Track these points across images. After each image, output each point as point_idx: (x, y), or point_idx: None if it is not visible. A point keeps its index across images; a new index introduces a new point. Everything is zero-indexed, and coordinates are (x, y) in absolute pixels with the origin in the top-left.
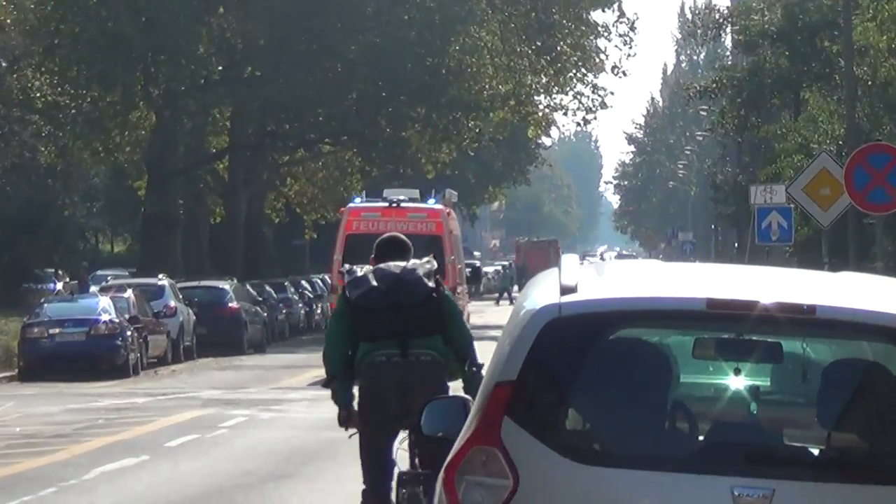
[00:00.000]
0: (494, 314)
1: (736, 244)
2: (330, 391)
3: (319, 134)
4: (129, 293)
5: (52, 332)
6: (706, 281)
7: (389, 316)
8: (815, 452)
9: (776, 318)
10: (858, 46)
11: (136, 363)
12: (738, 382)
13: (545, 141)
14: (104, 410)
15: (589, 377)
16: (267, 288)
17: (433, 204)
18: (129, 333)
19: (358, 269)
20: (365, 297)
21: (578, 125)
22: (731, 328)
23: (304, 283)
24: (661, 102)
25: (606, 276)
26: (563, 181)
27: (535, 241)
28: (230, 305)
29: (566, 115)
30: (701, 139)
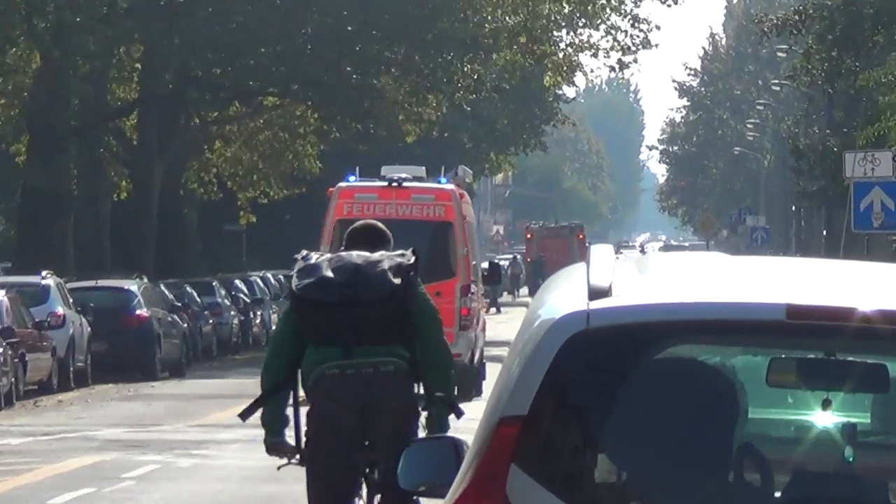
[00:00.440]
0: (493, 326)
1: (825, 232)
2: (261, 416)
3: (261, 82)
4: (0, 296)
5: None
6: (785, 281)
7: (339, 314)
8: None
9: (880, 331)
10: None
11: (8, 391)
12: (827, 419)
13: (567, 92)
14: None
15: (626, 411)
16: (188, 290)
17: (443, 184)
18: None
19: (315, 255)
20: (313, 287)
21: (613, 70)
22: (818, 345)
23: (238, 283)
24: (723, 40)
25: (650, 274)
26: (591, 146)
27: (552, 226)
28: (138, 313)
29: (596, 56)
30: (778, 90)
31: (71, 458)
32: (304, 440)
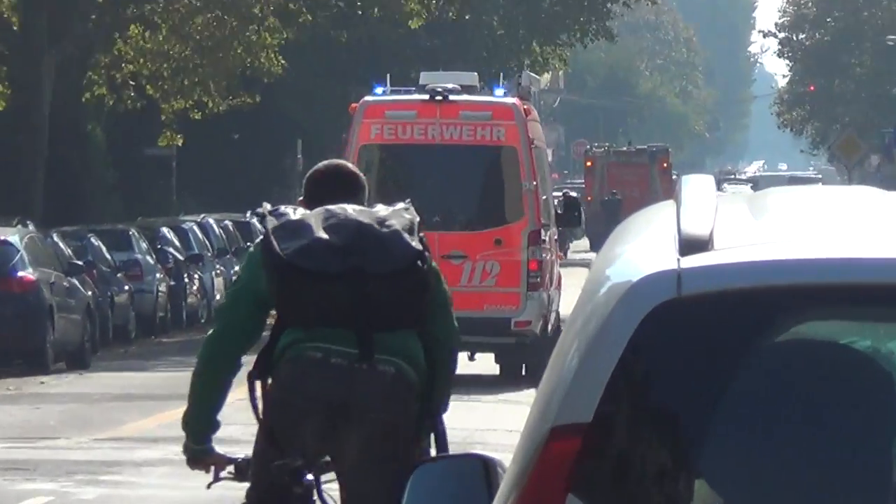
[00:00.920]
0: None
1: None
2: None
3: None
4: None
5: None
6: None
7: (345, 289)
8: None
9: None
10: None
11: None
12: None
13: None
14: None
15: (735, 418)
16: (94, 242)
17: (502, 96)
18: None
19: (290, 209)
20: (308, 253)
21: None
22: None
23: (166, 232)
24: None
25: (768, 217)
26: (678, 34)
27: (623, 150)
28: (20, 276)
29: None
30: None
31: None
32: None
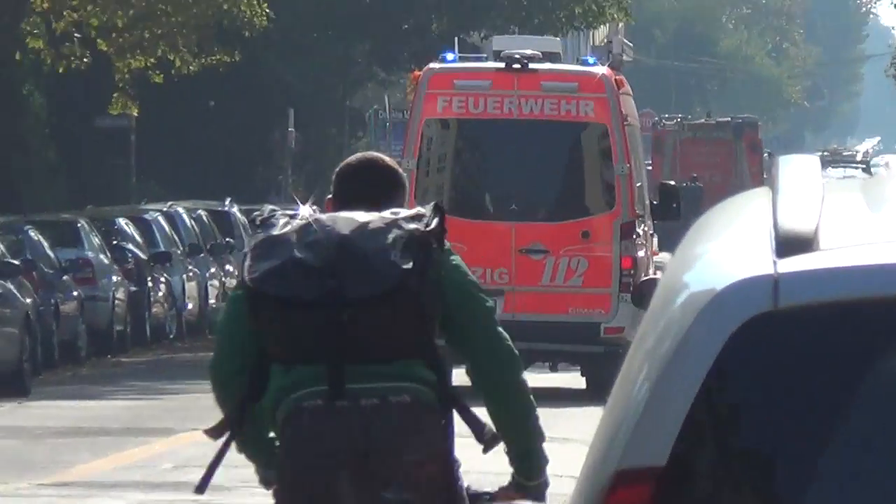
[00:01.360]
0: None
1: None
2: (235, 444)
3: None
4: None
5: None
6: None
7: (319, 317)
8: None
9: None
10: None
11: None
12: None
13: None
14: None
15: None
16: (33, 236)
17: (591, 65)
18: None
19: (284, 218)
20: (279, 276)
21: None
22: None
23: (124, 224)
24: None
25: (886, 211)
26: None
27: (701, 122)
28: None
29: None
30: None
31: None
32: None
